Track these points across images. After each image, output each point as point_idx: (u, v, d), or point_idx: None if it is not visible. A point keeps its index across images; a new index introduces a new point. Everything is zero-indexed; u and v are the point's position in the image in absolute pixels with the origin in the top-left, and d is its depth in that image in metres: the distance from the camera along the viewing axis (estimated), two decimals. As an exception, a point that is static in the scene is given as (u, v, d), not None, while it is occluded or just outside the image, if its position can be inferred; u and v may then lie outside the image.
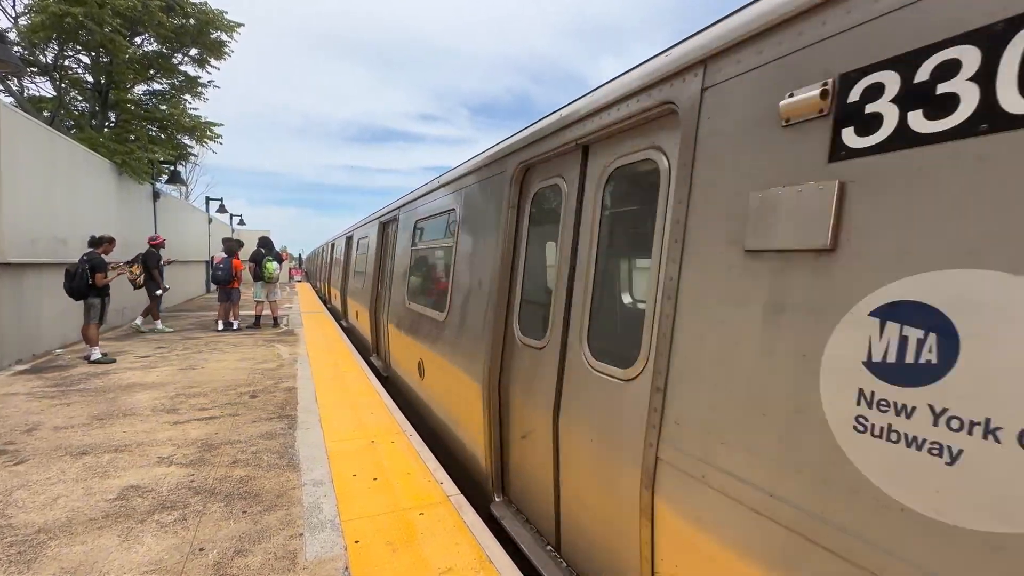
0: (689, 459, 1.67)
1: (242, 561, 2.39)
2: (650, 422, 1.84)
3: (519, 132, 3.15)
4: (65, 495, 3.04)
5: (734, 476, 1.51)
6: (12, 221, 6.38)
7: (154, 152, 11.45)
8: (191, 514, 2.83)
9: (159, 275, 9.21)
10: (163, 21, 11.00)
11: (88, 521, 2.74)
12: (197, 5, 11.72)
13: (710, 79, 1.71)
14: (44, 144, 7.41)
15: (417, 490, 3.17)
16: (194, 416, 4.58)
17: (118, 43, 10.41)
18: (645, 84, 2.01)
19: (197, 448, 3.81)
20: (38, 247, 7.10)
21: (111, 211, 10.04)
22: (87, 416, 4.52)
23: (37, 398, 5.06)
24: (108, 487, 3.15)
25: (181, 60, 12.66)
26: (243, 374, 6.23)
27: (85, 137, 10.07)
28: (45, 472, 3.35)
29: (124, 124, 11.86)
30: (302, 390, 5.51)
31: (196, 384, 5.71)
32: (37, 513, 2.82)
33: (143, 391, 5.37)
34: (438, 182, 4.88)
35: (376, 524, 2.75)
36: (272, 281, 10.34)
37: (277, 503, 2.97)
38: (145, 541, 2.55)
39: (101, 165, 9.63)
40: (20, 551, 2.45)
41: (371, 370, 6.60)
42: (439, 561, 2.42)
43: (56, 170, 7.73)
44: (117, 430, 4.17)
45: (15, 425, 4.26)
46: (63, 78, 11.64)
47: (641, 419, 1.95)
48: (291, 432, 4.18)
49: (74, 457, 3.61)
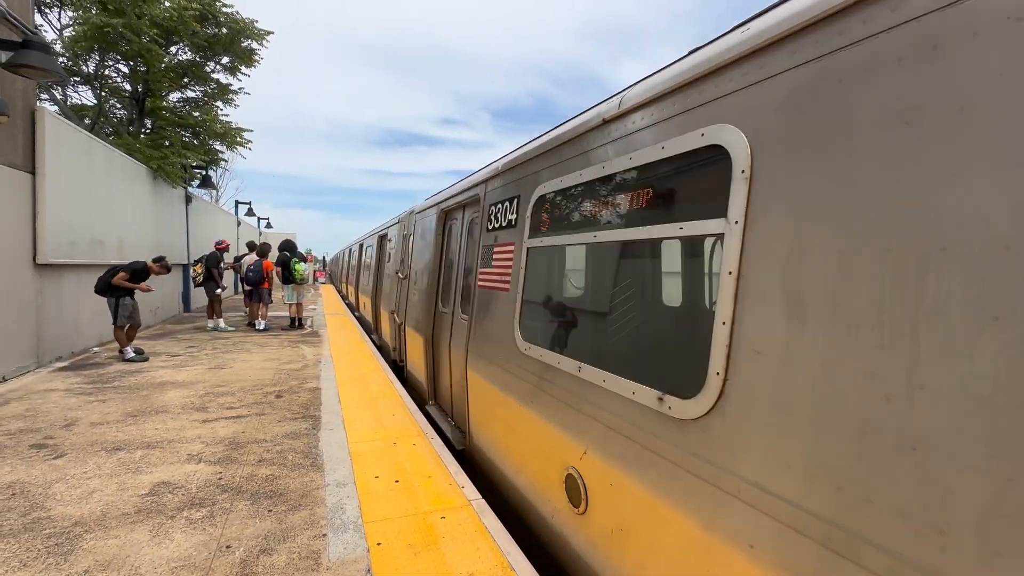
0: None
1: (267, 560, 2.43)
2: (468, 335, 3.90)
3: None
4: (100, 489, 3.14)
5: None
6: (53, 224, 6.66)
7: (187, 157, 11.84)
8: (219, 512, 2.89)
9: (219, 276, 9.88)
10: (197, 30, 11.37)
11: (121, 516, 2.82)
12: (229, 14, 12.08)
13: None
14: (84, 150, 7.72)
15: (438, 493, 3.17)
16: (222, 415, 4.69)
17: (154, 52, 10.80)
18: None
19: (225, 446, 3.90)
20: (77, 249, 7.39)
21: (146, 214, 10.40)
22: (121, 413, 4.67)
23: (75, 394, 5.26)
24: (140, 483, 3.24)
25: (213, 68, 13.06)
26: (269, 374, 6.36)
27: (123, 143, 10.46)
28: (82, 466, 3.47)
29: (159, 130, 12.28)
30: (325, 391, 5.59)
31: (224, 383, 5.85)
32: (74, 506, 2.92)
33: (174, 389, 5.53)
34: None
35: (398, 526, 2.76)
36: (302, 282, 10.51)
37: (301, 503, 3.01)
38: (175, 537, 2.62)
39: (137, 170, 9.99)
40: (58, 543, 2.54)
41: (392, 370, 6.66)
42: (460, 566, 2.42)
43: (94, 174, 8.04)
44: (149, 427, 4.30)
45: (55, 420, 4.43)
46: (103, 87, 12.13)
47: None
48: (315, 432, 4.25)
49: (109, 453, 3.73)
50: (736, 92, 1.63)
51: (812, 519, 1.25)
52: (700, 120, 1.76)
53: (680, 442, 1.70)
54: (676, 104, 1.91)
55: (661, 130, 1.98)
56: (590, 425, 2.25)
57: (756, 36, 1.54)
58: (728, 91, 1.66)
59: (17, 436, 4.02)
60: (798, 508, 1.28)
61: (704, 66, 1.75)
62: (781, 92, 1.47)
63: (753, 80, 1.57)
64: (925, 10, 1.11)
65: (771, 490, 1.36)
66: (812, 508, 1.25)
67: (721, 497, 1.51)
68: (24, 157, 6.25)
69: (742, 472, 1.45)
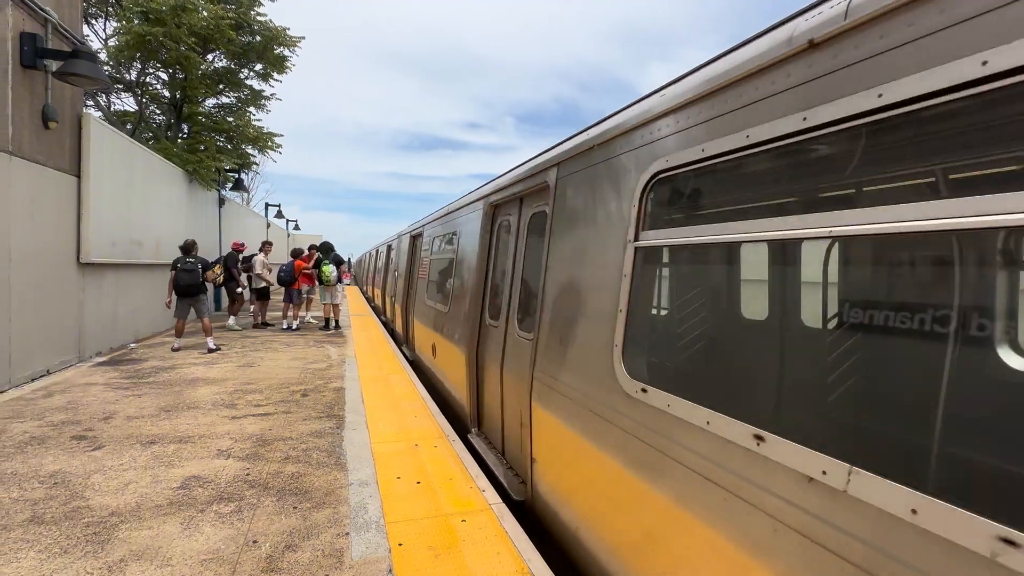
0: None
1: (292, 556, 2.48)
2: (531, 360, 3.09)
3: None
4: (135, 481, 3.26)
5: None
6: (96, 224, 6.96)
7: (221, 161, 12.25)
8: (246, 507, 2.96)
9: (238, 275, 10.26)
10: (232, 38, 11.76)
11: (154, 507, 2.92)
12: (263, 23, 12.46)
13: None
14: (125, 154, 8.06)
15: (459, 496, 3.19)
16: (250, 412, 4.81)
17: (192, 60, 11.21)
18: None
19: (252, 443, 4.00)
20: (117, 249, 7.70)
21: (182, 215, 10.79)
22: (156, 408, 4.84)
23: (113, 388, 5.47)
24: (173, 476, 3.35)
25: (247, 75, 13.48)
26: (295, 373, 6.50)
27: (161, 147, 10.88)
28: (119, 459, 3.61)
29: (195, 135, 12.74)
30: (349, 391, 5.68)
31: (253, 381, 6.00)
32: (111, 497, 3.04)
33: (205, 386, 5.70)
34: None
35: (419, 528, 2.78)
36: (330, 284, 10.72)
37: (325, 501, 3.06)
38: (204, 530, 2.69)
39: (174, 173, 10.37)
40: (96, 532, 2.64)
41: (410, 367, 6.73)
42: (480, 570, 2.42)
43: (134, 177, 8.38)
44: (181, 422, 4.44)
45: (94, 413, 4.61)
46: (144, 93, 12.65)
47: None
48: (339, 432, 4.32)
49: (144, 446, 3.87)
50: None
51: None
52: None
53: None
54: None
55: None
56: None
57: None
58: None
59: (60, 427, 4.21)
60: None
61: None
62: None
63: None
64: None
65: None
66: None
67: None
68: (71, 161, 6.55)
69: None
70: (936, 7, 1.13)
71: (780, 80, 1.51)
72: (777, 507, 1.33)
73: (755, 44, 1.65)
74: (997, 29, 1.01)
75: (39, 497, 3.00)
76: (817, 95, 1.38)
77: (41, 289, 5.90)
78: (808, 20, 1.44)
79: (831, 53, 1.36)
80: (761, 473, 1.38)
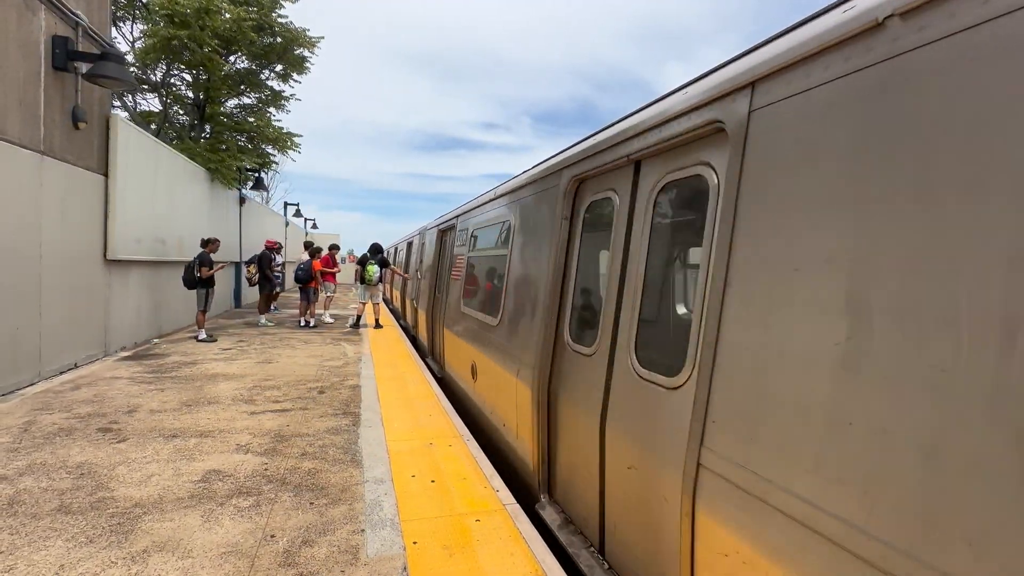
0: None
1: (309, 552, 2.51)
2: (692, 429, 1.81)
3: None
4: (158, 474, 3.33)
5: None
6: (122, 222, 7.15)
7: (241, 160, 12.46)
8: (264, 501, 3.01)
9: (271, 275, 10.53)
10: (254, 40, 11.96)
11: (176, 500, 2.99)
12: (284, 24, 12.65)
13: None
14: (151, 153, 8.25)
15: (473, 496, 3.20)
16: (269, 407, 4.89)
17: (215, 61, 11.43)
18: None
19: (271, 439, 4.06)
20: (141, 246, 7.90)
21: (204, 213, 11.01)
22: (178, 402, 4.94)
23: (137, 383, 5.61)
24: (194, 469, 3.42)
25: (268, 76, 13.70)
26: (312, 370, 6.59)
27: (184, 147, 11.12)
28: (142, 451, 3.70)
29: (217, 135, 12.98)
30: (365, 388, 5.74)
31: (271, 377, 6.10)
32: (135, 488, 3.11)
33: (225, 381, 5.81)
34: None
35: (433, 526, 2.80)
36: (372, 284, 10.64)
37: (341, 497, 3.10)
38: (224, 524, 2.74)
39: (197, 172, 10.59)
40: (120, 522, 2.71)
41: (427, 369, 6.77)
42: (494, 570, 2.42)
43: (159, 176, 8.58)
44: (202, 416, 4.53)
45: (119, 406, 4.74)
46: (168, 94, 12.94)
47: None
48: (355, 429, 4.36)
49: (166, 439, 3.95)
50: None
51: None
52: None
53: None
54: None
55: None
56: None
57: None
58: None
59: (86, 420, 4.33)
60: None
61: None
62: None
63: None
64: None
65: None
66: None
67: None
68: (98, 160, 6.73)
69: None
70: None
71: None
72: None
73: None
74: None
75: (66, 487, 3.09)
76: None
77: (69, 286, 6.07)
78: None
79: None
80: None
